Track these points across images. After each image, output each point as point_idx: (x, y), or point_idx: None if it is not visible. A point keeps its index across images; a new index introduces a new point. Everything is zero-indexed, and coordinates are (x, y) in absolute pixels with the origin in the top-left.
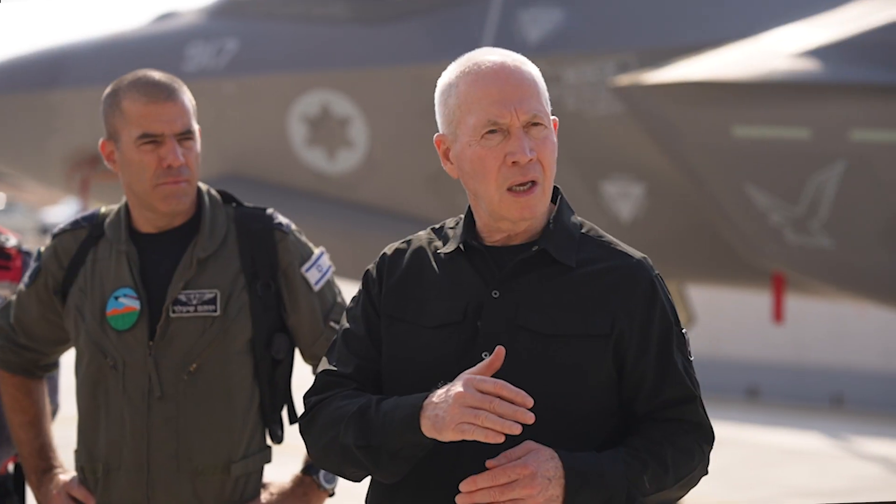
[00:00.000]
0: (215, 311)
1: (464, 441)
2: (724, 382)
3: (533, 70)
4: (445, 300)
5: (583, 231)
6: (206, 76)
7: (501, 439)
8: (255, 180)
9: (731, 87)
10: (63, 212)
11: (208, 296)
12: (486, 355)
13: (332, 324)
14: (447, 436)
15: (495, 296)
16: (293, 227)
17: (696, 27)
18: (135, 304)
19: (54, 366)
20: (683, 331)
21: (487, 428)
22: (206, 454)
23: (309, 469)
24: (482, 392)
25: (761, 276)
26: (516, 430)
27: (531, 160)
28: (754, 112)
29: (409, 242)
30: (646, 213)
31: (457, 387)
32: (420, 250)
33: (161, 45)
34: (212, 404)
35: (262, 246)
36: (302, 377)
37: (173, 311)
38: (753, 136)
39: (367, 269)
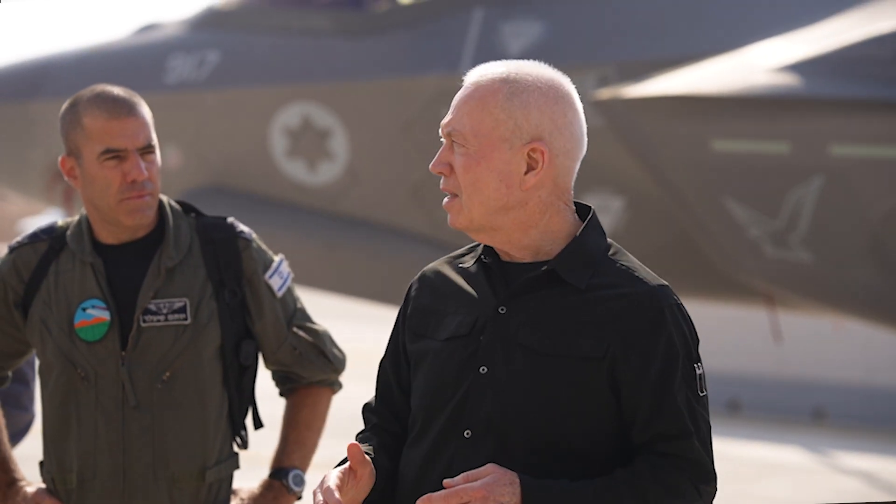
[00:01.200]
0: (186, 319)
1: (454, 459)
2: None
3: (490, 89)
4: (460, 314)
5: (609, 254)
6: (188, 88)
7: None
8: (237, 192)
9: (710, 101)
10: (46, 222)
11: (178, 304)
12: (483, 370)
13: (295, 329)
14: None
15: (502, 312)
16: (254, 235)
17: (676, 41)
18: (104, 315)
19: (6, 379)
20: (696, 365)
21: None
22: (182, 461)
23: (277, 473)
24: (322, 488)
25: (741, 291)
26: None
27: (441, 173)
28: (734, 126)
29: (445, 260)
30: (625, 226)
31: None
32: (447, 267)
33: (142, 57)
34: (186, 412)
35: (226, 254)
36: (269, 391)
37: (144, 321)
38: (733, 151)
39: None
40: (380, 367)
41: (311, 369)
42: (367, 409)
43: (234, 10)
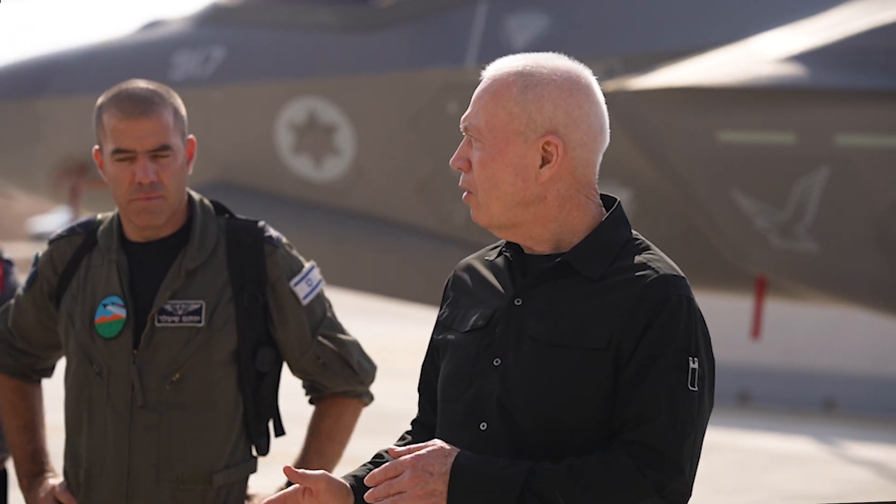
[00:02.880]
0: (200, 321)
1: (470, 451)
2: (716, 388)
3: (504, 83)
4: (481, 307)
5: (632, 245)
6: (193, 84)
7: None
8: (243, 188)
9: (716, 92)
10: (54, 220)
11: (194, 307)
12: (497, 362)
13: (320, 338)
14: None
15: (517, 303)
16: (284, 240)
17: (682, 33)
18: (121, 313)
19: (51, 370)
20: (692, 358)
21: None
22: (188, 464)
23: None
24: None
25: (749, 283)
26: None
27: (461, 168)
28: (740, 117)
29: (477, 255)
30: (632, 218)
31: None
32: (476, 261)
33: (148, 54)
34: (194, 414)
35: (250, 258)
36: (292, 388)
37: (158, 321)
38: (739, 142)
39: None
40: (423, 363)
41: (334, 380)
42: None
43: (239, 6)
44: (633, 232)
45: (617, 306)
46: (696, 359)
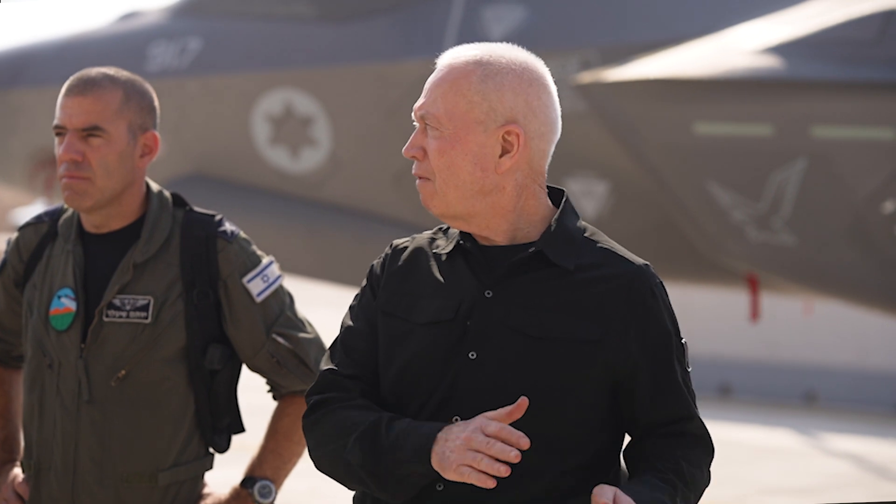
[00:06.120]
0: (146, 318)
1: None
2: (697, 380)
3: (464, 71)
4: (438, 298)
5: (585, 235)
6: (170, 75)
7: (492, 483)
8: (219, 180)
9: (692, 84)
10: (37, 212)
11: (141, 302)
12: (472, 355)
13: (275, 336)
14: (450, 475)
15: (488, 296)
16: (240, 234)
17: (658, 25)
18: (72, 305)
19: (23, 357)
20: (683, 341)
21: (482, 472)
22: (131, 462)
23: (246, 482)
24: (486, 435)
25: (727, 275)
26: (503, 472)
27: (415, 157)
28: (716, 109)
29: (412, 239)
30: (610, 211)
31: (469, 429)
32: (419, 248)
33: (124, 45)
34: (138, 412)
35: (202, 254)
36: (256, 381)
37: (107, 316)
38: (715, 133)
39: (372, 265)
40: (350, 336)
41: (289, 379)
42: (337, 375)
43: None
44: (581, 221)
45: (603, 300)
46: (683, 338)
